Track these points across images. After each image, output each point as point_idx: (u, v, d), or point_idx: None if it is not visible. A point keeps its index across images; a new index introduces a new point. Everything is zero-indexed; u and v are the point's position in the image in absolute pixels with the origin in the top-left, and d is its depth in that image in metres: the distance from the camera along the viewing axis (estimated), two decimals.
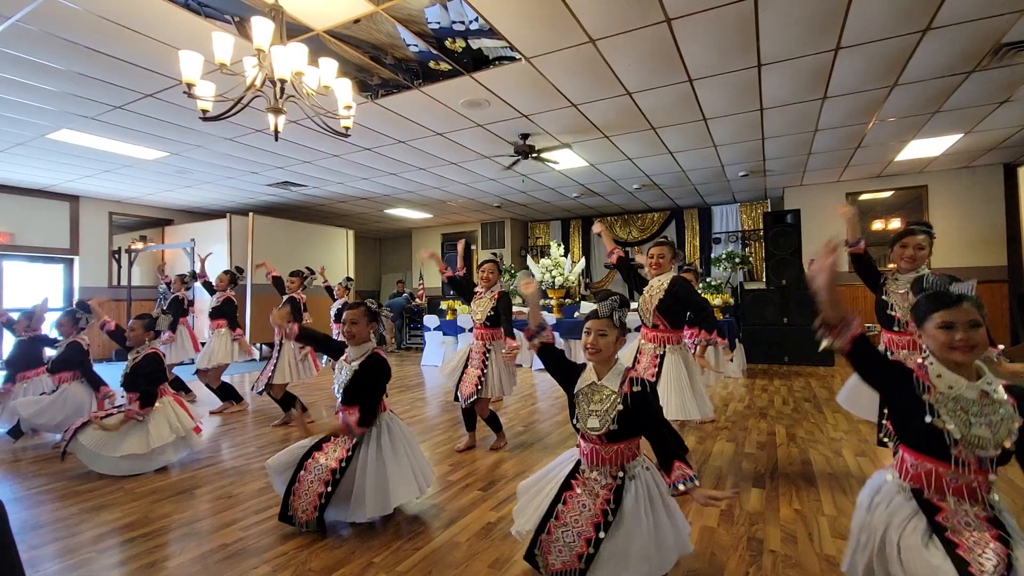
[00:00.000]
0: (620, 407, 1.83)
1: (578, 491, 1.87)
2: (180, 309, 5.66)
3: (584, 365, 2.01)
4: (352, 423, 2.44)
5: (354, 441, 2.52)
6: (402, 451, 2.58)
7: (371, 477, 2.42)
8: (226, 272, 5.46)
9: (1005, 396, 1.43)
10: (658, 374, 3.05)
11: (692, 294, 3.16)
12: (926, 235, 2.66)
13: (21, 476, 3.31)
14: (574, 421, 1.95)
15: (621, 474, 1.84)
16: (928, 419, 1.43)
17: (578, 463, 1.95)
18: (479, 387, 3.60)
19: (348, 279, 7.25)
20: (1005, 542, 1.34)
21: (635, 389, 1.85)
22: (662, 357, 3.10)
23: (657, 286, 3.17)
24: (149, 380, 3.42)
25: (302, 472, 2.45)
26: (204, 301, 6.88)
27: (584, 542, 1.75)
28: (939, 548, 1.36)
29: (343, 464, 2.45)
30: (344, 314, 2.61)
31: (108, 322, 3.85)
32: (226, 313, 5.30)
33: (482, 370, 3.65)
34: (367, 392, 2.52)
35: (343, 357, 2.64)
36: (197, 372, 5.20)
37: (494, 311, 3.72)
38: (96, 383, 4.04)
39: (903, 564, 1.39)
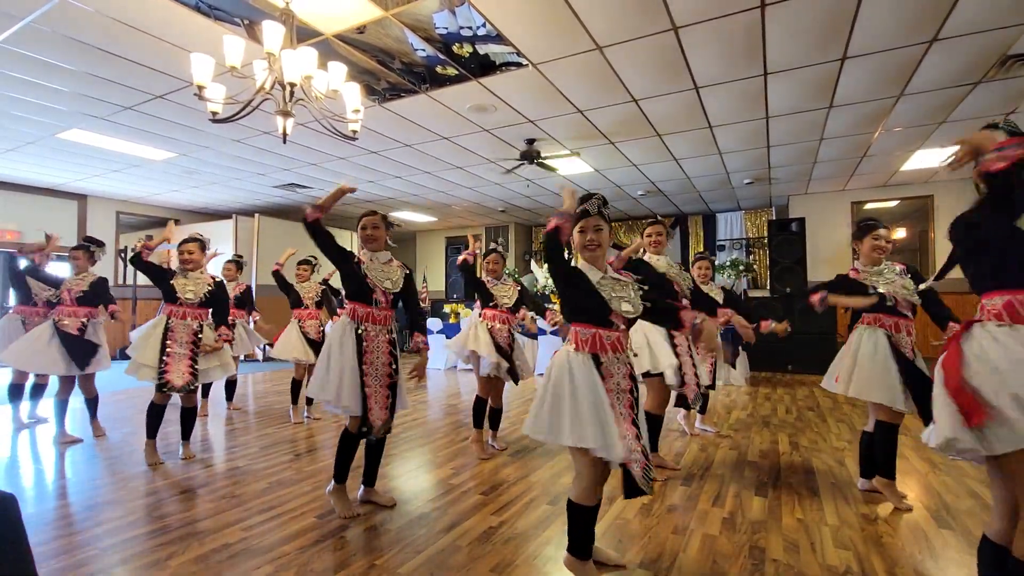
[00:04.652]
0: (640, 288, 2.00)
1: (615, 404, 1.92)
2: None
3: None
4: (424, 343, 2.81)
5: (391, 346, 2.72)
6: None
7: (402, 378, 2.78)
8: (230, 261, 5.21)
9: None
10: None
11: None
12: (887, 230, 2.88)
13: (25, 472, 3.33)
14: (587, 314, 1.95)
15: (629, 358, 2.00)
16: None
17: (596, 362, 1.91)
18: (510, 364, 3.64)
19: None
20: None
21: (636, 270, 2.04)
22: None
23: (665, 266, 3.28)
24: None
25: (368, 388, 2.60)
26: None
27: (635, 440, 1.90)
28: None
29: (394, 367, 2.70)
30: (365, 219, 2.80)
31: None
32: (244, 304, 5.14)
33: (511, 350, 3.68)
34: (415, 295, 2.88)
35: (370, 258, 2.77)
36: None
37: (520, 297, 3.79)
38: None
39: None
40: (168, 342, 3.42)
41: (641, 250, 3.34)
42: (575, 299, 1.98)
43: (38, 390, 4.51)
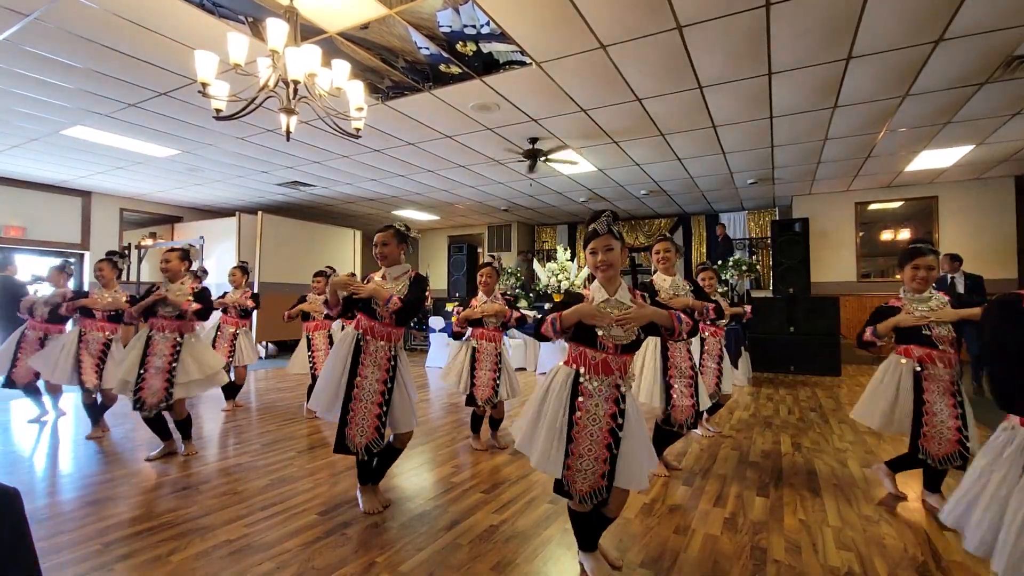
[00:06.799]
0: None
1: (583, 419, 1.90)
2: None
3: (578, 296, 2.01)
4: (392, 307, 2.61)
5: (391, 363, 2.64)
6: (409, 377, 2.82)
7: (403, 397, 2.69)
8: (236, 267, 5.24)
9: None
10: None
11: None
12: (935, 255, 2.67)
13: (28, 467, 3.34)
14: (582, 336, 1.93)
15: (620, 382, 1.92)
16: None
17: (575, 379, 1.93)
18: (496, 390, 3.63)
19: (351, 275, 7.23)
20: None
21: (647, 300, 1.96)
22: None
23: (683, 286, 3.20)
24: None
25: (352, 401, 2.56)
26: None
27: (602, 463, 1.88)
28: None
29: (388, 385, 2.61)
30: (376, 237, 2.73)
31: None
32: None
33: (496, 373, 3.67)
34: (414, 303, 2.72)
35: (380, 277, 2.71)
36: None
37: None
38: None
39: None
40: (148, 356, 3.37)
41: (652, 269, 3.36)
42: None
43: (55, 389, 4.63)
